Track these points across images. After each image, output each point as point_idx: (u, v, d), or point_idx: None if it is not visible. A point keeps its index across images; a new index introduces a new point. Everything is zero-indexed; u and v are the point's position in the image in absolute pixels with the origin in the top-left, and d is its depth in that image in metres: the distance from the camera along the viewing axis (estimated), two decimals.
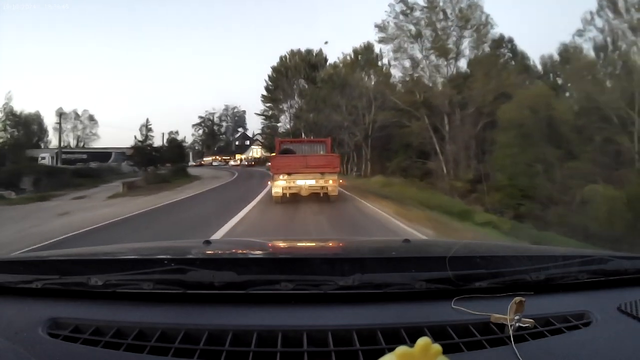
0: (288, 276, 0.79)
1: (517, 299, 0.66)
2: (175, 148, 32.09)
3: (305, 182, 9.26)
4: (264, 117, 42.43)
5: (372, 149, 26.79)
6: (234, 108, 68.15)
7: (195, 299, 0.77)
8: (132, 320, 0.71)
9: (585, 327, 0.71)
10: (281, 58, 38.80)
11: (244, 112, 67.03)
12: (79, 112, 48.37)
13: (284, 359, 0.61)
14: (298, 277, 0.80)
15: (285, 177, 9.21)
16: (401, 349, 0.46)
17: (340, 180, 9.99)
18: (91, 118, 49.25)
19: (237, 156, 55.59)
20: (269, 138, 37.87)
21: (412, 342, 0.47)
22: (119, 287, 0.78)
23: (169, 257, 0.96)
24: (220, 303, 0.77)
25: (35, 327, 0.68)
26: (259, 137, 49.49)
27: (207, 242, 1.24)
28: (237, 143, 65.34)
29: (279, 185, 9.24)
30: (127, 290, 0.78)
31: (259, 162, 52.13)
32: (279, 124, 41.20)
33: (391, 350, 0.48)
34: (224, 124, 69.36)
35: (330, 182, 9.23)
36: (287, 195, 9.48)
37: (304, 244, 1.58)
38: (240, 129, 68.59)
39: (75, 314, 0.74)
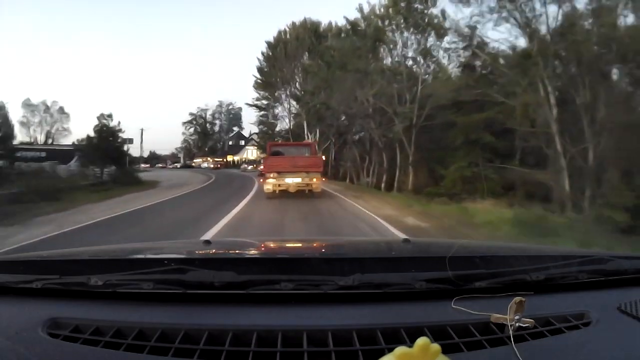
0: (288, 276, 0.79)
1: (517, 299, 0.66)
2: (107, 140, 19.65)
3: (293, 180, 10.63)
4: (257, 108, 34.18)
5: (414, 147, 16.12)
6: (228, 105, 61.31)
7: (195, 299, 0.77)
8: (132, 320, 0.71)
9: (585, 327, 0.71)
10: (280, 32, 29.10)
11: (240, 109, 59.77)
12: (49, 104, 41.21)
13: (284, 359, 0.61)
14: (298, 277, 0.80)
15: (276, 175, 10.58)
16: (400, 349, 0.46)
17: (323, 179, 11.70)
18: (62, 110, 42.26)
19: (230, 157, 53.10)
20: (265, 137, 32.68)
21: (412, 342, 0.47)
22: (119, 287, 0.78)
23: (169, 257, 0.96)
24: (220, 303, 0.77)
25: (35, 327, 0.68)
26: (255, 137, 43.69)
27: (207, 242, 1.24)
28: (230, 143, 59.47)
29: (270, 182, 10.61)
30: (127, 290, 0.78)
31: (228, 164, 47.92)
32: (276, 121, 33.68)
33: (391, 350, 0.48)
34: (218, 122, 62.72)
35: (314, 180, 10.68)
36: (277, 191, 10.73)
37: (304, 244, 1.58)
38: (235, 128, 62.15)
39: (75, 314, 0.74)
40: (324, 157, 23.63)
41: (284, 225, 7.05)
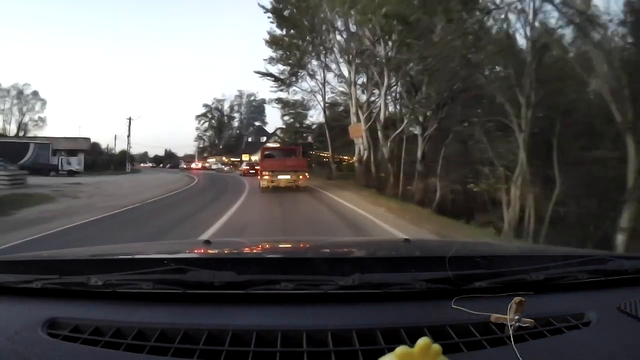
0: (288, 276, 0.79)
1: (517, 299, 0.66)
2: None
3: (283, 177, 13.11)
4: (272, 80, 21.67)
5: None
6: (250, 96, 51.38)
7: (195, 298, 0.77)
8: (132, 320, 0.71)
9: (584, 327, 0.71)
10: None
11: (263, 100, 48.39)
12: (21, 88, 33.43)
13: (284, 359, 0.61)
14: (298, 277, 0.80)
15: (270, 174, 13.12)
16: (401, 349, 0.46)
17: (307, 175, 13.79)
18: (36, 95, 34.79)
19: (243, 159, 42.30)
20: (290, 132, 26.29)
21: (412, 342, 0.47)
22: (119, 287, 0.78)
23: (169, 256, 0.96)
24: (220, 303, 0.77)
25: (35, 327, 0.68)
26: (279, 133, 34.45)
27: (207, 242, 1.24)
28: (249, 139, 49.14)
29: (265, 179, 13.14)
30: (127, 290, 0.78)
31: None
32: (305, 111, 23.40)
33: (391, 350, 0.47)
34: (237, 115, 52.95)
35: (300, 177, 13.31)
36: (270, 186, 13.03)
37: (304, 244, 1.58)
38: (257, 123, 51.27)
39: (75, 313, 0.74)
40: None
41: None
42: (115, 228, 7.63)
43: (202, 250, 1.16)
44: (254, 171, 24.91)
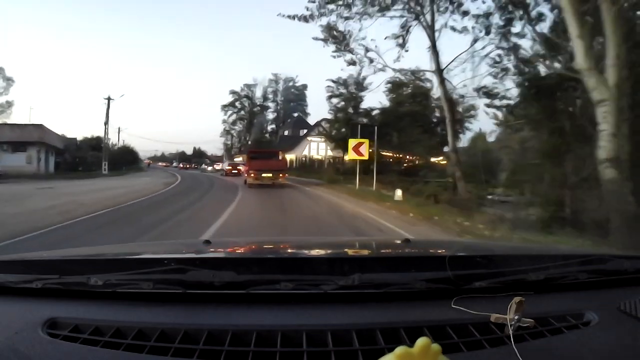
0: (288, 276, 0.79)
1: (517, 298, 0.66)
2: None
3: (266, 175, 15.70)
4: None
5: None
6: (288, 80, 40.70)
7: (195, 298, 0.77)
8: (132, 320, 0.71)
9: (584, 327, 0.71)
10: None
11: (304, 87, 39.92)
12: None
13: (284, 359, 0.61)
14: (298, 277, 0.80)
15: (255, 172, 15.64)
16: (401, 349, 0.46)
17: (286, 174, 16.62)
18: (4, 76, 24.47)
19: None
20: (340, 120, 19.89)
21: (411, 342, 0.47)
22: (119, 287, 0.78)
23: (169, 256, 0.96)
24: (220, 303, 0.77)
25: (35, 327, 0.68)
26: (323, 124, 27.49)
27: (207, 242, 1.24)
28: (286, 133, 38.87)
29: (252, 177, 15.76)
30: (127, 290, 0.78)
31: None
32: (358, 94, 16.91)
33: (391, 350, 0.47)
34: (272, 105, 41.88)
35: (280, 175, 16.01)
36: (255, 183, 15.51)
37: (304, 244, 1.58)
38: (296, 114, 41.00)
39: (75, 313, 0.74)
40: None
41: None
42: None
43: (202, 250, 1.16)
44: (236, 171, 25.58)
